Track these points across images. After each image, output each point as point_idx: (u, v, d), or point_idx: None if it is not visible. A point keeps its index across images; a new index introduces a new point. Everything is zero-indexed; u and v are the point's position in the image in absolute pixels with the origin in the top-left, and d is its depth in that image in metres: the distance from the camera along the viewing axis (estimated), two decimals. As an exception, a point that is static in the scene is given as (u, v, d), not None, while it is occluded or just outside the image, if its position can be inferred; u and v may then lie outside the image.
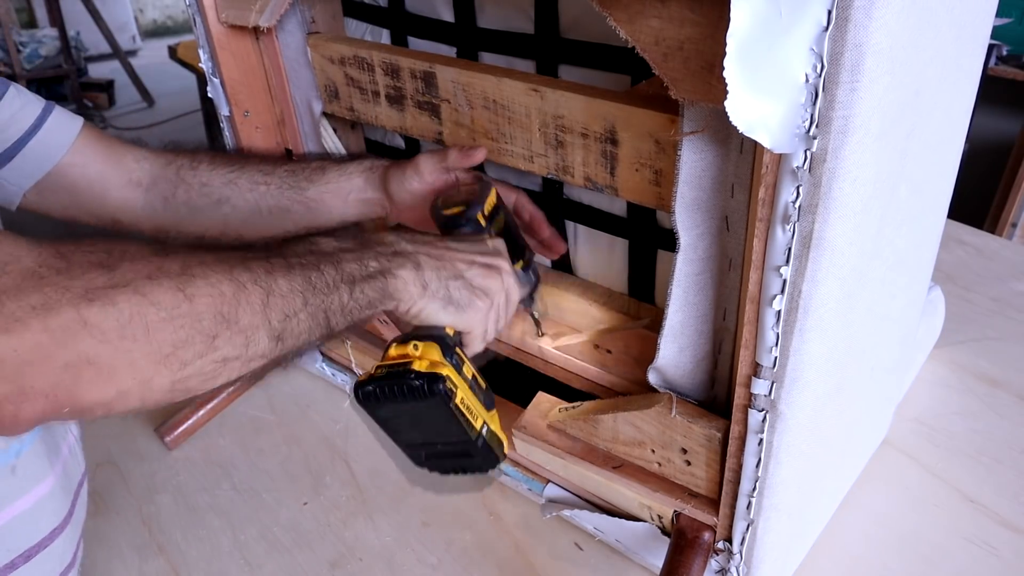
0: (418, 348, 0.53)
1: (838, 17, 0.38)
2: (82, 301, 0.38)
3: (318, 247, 0.50)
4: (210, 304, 0.42)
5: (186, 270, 0.42)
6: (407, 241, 0.55)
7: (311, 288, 0.47)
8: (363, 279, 0.51)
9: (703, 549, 0.63)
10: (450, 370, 0.53)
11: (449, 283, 0.55)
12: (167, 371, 0.41)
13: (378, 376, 0.52)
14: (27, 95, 0.68)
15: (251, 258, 0.46)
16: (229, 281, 0.43)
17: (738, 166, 0.50)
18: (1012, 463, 0.79)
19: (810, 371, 0.51)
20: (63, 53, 4.08)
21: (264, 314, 0.44)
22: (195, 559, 0.75)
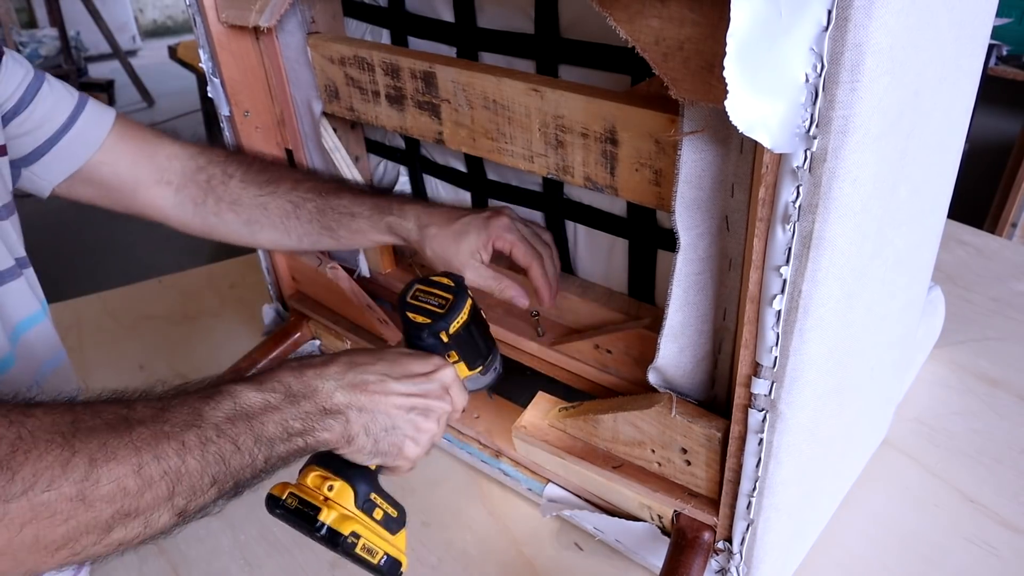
0: (333, 488, 0.55)
1: (838, 17, 0.38)
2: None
3: (241, 408, 0.49)
4: (111, 503, 0.41)
5: (91, 471, 0.41)
6: (342, 389, 0.54)
7: (224, 466, 0.47)
8: (282, 441, 0.50)
9: (703, 549, 0.63)
10: (356, 522, 0.55)
11: (378, 435, 0.55)
12: (52, 561, 0.41)
13: (289, 505, 0.55)
14: (60, 90, 0.67)
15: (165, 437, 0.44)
16: (135, 477, 0.42)
17: (738, 166, 0.50)
18: (1012, 463, 0.79)
19: (810, 371, 0.51)
20: (63, 53, 4.08)
21: (169, 499, 0.44)
22: (195, 559, 0.75)
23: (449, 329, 0.61)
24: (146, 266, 2.88)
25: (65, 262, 2.97)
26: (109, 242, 3.08)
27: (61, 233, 3.12)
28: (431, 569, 0.72)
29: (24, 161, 0.66)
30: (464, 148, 0.72)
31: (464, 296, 0.63)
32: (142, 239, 3.03)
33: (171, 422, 0.45)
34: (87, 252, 3.05)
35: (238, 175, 0.76)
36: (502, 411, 0.80)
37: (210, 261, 1.31)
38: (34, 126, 0.65)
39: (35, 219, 0.66)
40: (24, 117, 0.65)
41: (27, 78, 0.65)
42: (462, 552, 0.74)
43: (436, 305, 0.62)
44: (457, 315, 0.62)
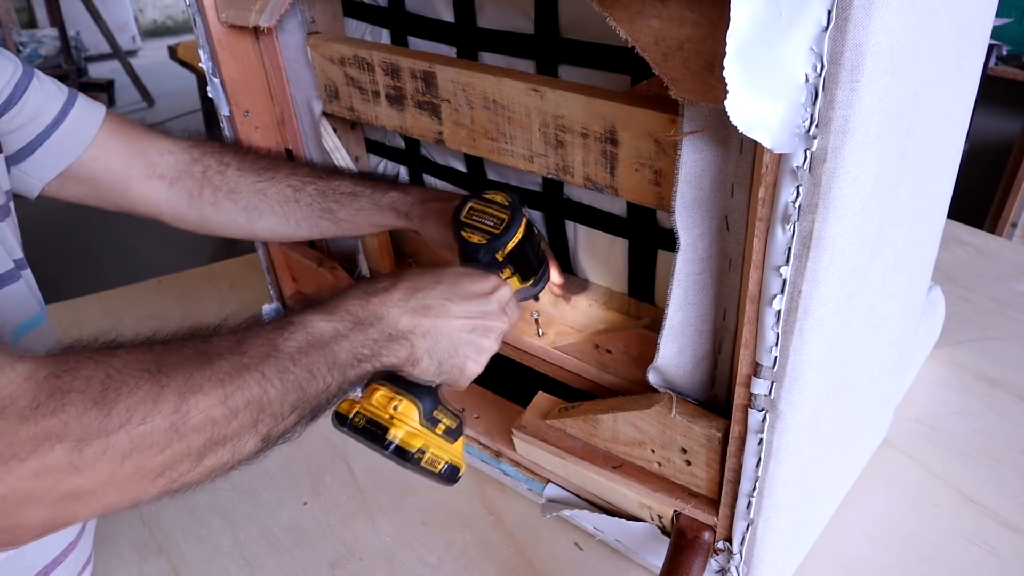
0: (398, 408, 0.56)
1: (838, 17, 0.38)
2: (74, 447, 0.39)
3: (314, 337, 0.50)
4: (202, 433, 0.43)
5: (181, 403, 0.42)
6: (407, 313, 0.55)
7: (301, 392, 0.49)
8: (354, 366, 0.52)
9: (703, 549, 0.63)
10: (423, 438, 0.57)
11: (441, 357, 0.57)
12: (155, 488, 0.43)
13: (357, 424, 0.56)
14: (50, 86, 0.67)
15: (246, 369, 0.46)
16: (222, 407, 0.44)
17: (738, 166, 0.50)
18: (1012, 463, 0.79)
19: (810, 371, 0.51)
20: (63, 53, 4.08)
21: (254, 427, 0.46)
22: (195, 559, 0.75)
23: (505, 248, 0.63)
24: (146, 266, 2.88)
25: (65, 262, 2.97)
26: (109, 242, 3.08)
27: (60, 233, 3.12)
28: (431, 569, 0.72)
29: (14, 158, 0.66)
30: (464, 148, 0.72)
31: (519, 215, 0.64)
32: (142, 239, 3.03)
33: (249, 354, 0.47)
34: (87, 252, 3.05)
35: (234, 163, 0.75)
36: (502, 411, 0.80)
37: (210, 261, 1.31)
38: (25, 121, 0.65)
39: (34, 219, 0.66)
40: (15, 112, 0.64)
41: (16, 73, 0.64)
42: (462, 552, 0.74)
43: (491, 224, 0.63)
44: (513, 234, 0.63)
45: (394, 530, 0.76)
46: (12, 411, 0.38)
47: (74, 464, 0.39)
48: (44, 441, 0.38)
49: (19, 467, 0.37)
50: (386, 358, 0.54)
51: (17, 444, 0.37)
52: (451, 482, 0.59)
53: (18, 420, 0.38)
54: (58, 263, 2.95)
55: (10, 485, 0.37)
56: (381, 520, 0.77)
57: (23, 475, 0.38)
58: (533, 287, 0.68)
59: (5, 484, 0.37)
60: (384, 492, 0.81)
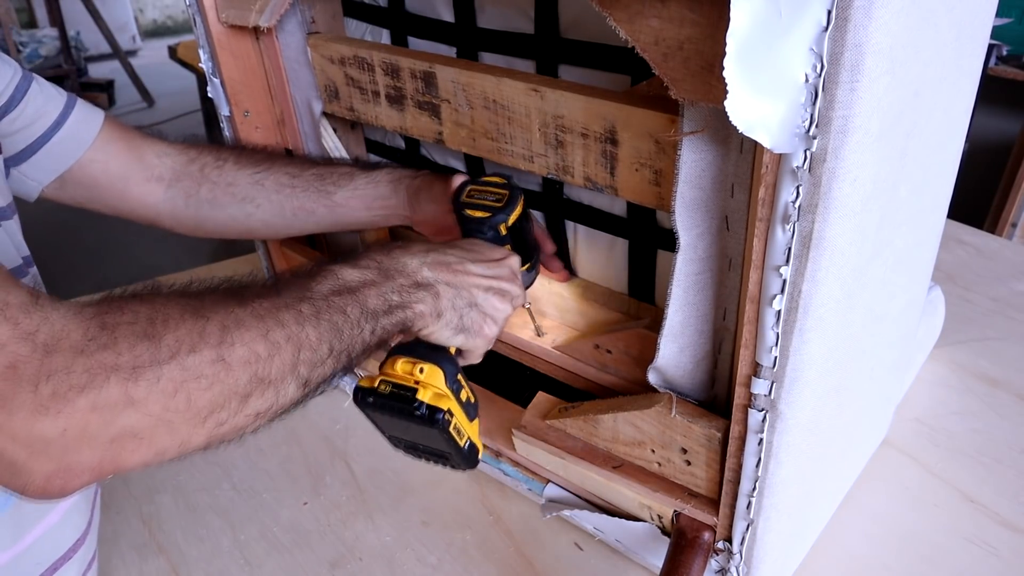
0: (424, 371, 0.56)
1: (838, 17, 0.38)
2: (128, 378, 0.39)
3: (343, 283, 0.52)
4: (246, 368, 0.43)
5: (224, 335, 0.43)
6: (428, 266, 0.57)
7: (338, 335, 0.49)
8: (384, 313, 0.53)
9: (703, 549, 0.63)
10: (451, 401, 0.56)
11: (463, 311, 0.58)
12: (203, 431, 0.43)
13: (382, 392, 0.56)
14: (49, 89, 0.68)
15: (283, 307, 0.47)
16: (263, 341, 0.44)
17: (738, 166, 0.50)
18: (1012, 463, 0.79)
19: (810, 371, 0.51)
20: (63, 53, 4.09)
21: (294, 368, 0.46)
22: (195, 559, 0.75)
23: (507, 221, 0.64)
24: (146, 266, 2.88)
25: (65, 262, 2.97)
26: (109, 242, 3.08)
27: (61, 233, 3.12)
28: (431, 569, 0.72)
29: (15, 160, 0.66)
30: (464, 148, 0.72)
31: (518, 191, 0.66)
32: (142, 239, 3.03)
33: (284, 295, 0.48)
34: (87, 252, 3.05)
35: (232, 158, 0.76)
36: (502, 411, 0.80)
37: (210, 261, 1.31)
38: (25, 123, 0.65)
39: (35, 219, 0.66)
40: (16, 114, 0.64)
41: (16, 76, 0.65)
42: (462, 552, 0.74)
43: (493, 200, 0.65)
44: (514, 208, 0.65)
45: (394, 530, 0.76)
46: (66, 344, 0.38)
47: (129, 396, 0.39)
48: (99, 373, 0.38)
49: (76, 400, 0.37)
50: (415, 305, 0.54)
51: (73, 377, 0.37)
52: (471, 463, 0.59)
53: (73, 353, 0.38)
54: (58, 263, 2.95)
55: (67, 420, 0.37)
56: (381, 520, 0.77)
57: (80, 408, 0.37)
58: (528, 272, 0.69)
59: (63, 418, 0.37)
60: (384, 492, 0.81)
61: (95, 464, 0.39)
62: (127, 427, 0.39)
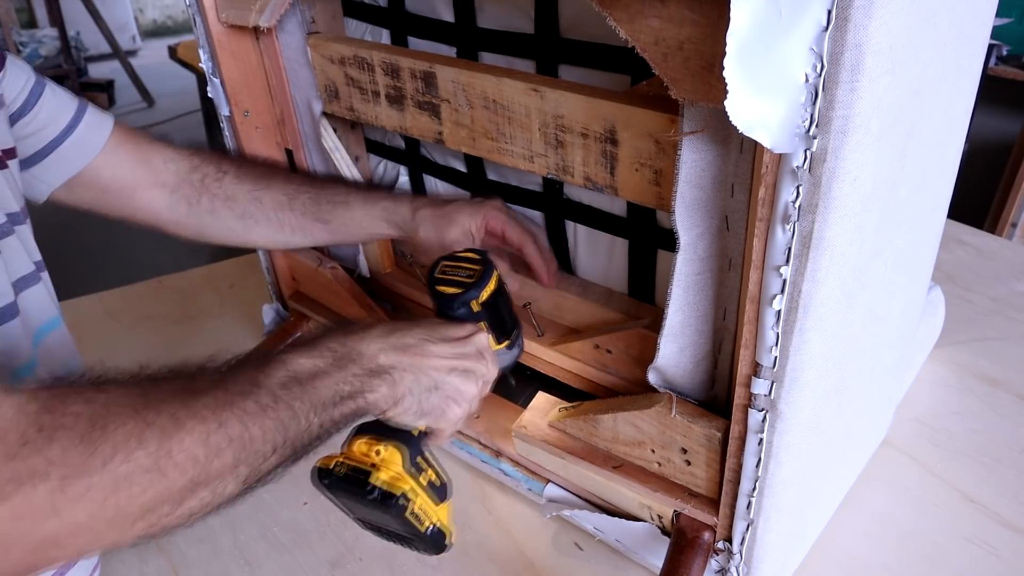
0: (381, 453, 0.55)
1: (838, 17, 0.38)
2: (56, 488, 0.38)
3: (294, 374, 0.50)
4: (183, 474, 0.42)
5: (163, 442, 0.42)
6: (386, 351, 0.55)
7: (284, 431, 0.48)
8: (335, 405, 0.51)
9: (703, 549, 0.63)
10: (409, 482, 0.55)
11: (422, 396, 0.56)
12: (132, 533, 0.42)
13: (338, 473, 0.55)
14: (61, 95, 0.68)
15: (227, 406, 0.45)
16: (203, 446, 0.43)
17: (738, 166, 0.50)
18: (1012, 463, 0.79)
19: (810, 371, 0.51)
20: (63, 53, 4.08)
21: (235, 468, 0.45)
22: (195, 559, 0.75)
23: (479, 298, 0.63)
24: (146, 266, 2.88)
25: (65, 263, 2.97)
26: (109, 242, 3.08)
27: (61, 234, 3.11)
28: (431, 569, 0.72)
29: (27, 163, 0.67)
30: (464, 148, 0.72)
31: (491, 266, 0.64)
32: (142, 239, 3.03)
33: (231, 391, 0.47)
34: (87, 253, 3.05)
35: (232, 171, 0.76)
36: (502, 411, 0.80)
37: (210, 261, 1.31)
38: (39, 127, 0.66)
39: (35, 220, 0.66)
40: (30, 118, 0.65)
41: (30, 81, 0.65)
42: (462, 552, 0.74)
43: (465, 276, 0.64)
44: (486, 284, 0.63)
45: (394, 530, 0.76)
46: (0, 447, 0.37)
47: (54, 506, 0.37)
48: (26, 482, 0.37)
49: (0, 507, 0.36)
50: (369, 394, 0.53)
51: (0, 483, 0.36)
52: (437, 548, 0.58)
53: (4, 458, 0.37)
54: (58, 263, 2.94)
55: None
56: (381, 520, 0.77)
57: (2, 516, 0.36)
58: (508, 350, 0.67)
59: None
60: (384, 492, 0.80)
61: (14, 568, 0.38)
62: (48, 535, 0.38)
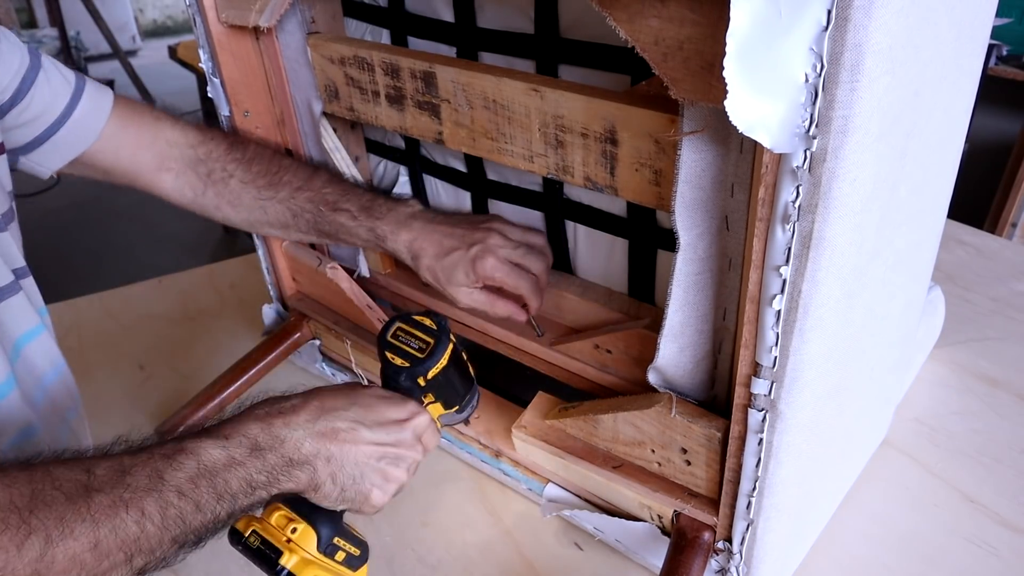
0: (296, 532, 0.54)
1: (838, 17, 0.38)
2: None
3: (204, 466, 0.48)
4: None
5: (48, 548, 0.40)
6: (313, 437, 0.53)
7: (184, 526, 0.47)
8: (246, 494, 0.50)
9: (703, 549, 0.63)
10: (318, 567, 0.55)
11: (344, 483, 0.55)
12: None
13: (251, 544, 0.54)
14: (55, 77, 0.66)
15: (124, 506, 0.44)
16: (92, 552, 0.42)
17: (738, 166, 0.50)
18: (1012, 463, 0.79)
19: (810, 371, 0.51)
20: (63, 53, 4.08)
21: (128, 564, 0.44)
22: (195, 559, 0.74)
23: (427, 374, 0.61)
24: (146, 266, 2.88)
25: (65, 263, 2.97)
26: (109, 242, 3.08)
27: (61, 234, 3.12)
28: (431, 569, 0.72)
29: (23, 150, 0.66)
30: (464, 148, 0.72)
31: (445, 341, 0.62)
32: (142, 239, 3.03)
33: (131, 487, 0.45)
34: (87, 252, 3.05)
35: (238, 174, 0.76)
36: (502, 411, 0.80)
37: (210, 261, 1.31)
38: (32, 116, 0.64)
39: (35, 220, 0.66)
40: (22, 107, 0.63)
41: (23, 65, 0.63)
42: (462, 552, 0.74)
43: (416, 348, 0.61)
44: (437, 361, 0.61)
45: (394, 530, 0.76)
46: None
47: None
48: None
49: None
50: (284, 483, 0.52)
51: None
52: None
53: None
54: (58, 263, 2.95)
55: None
56: (381, 520, 0.77)
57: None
58: (458, 413, 0.67)
59: None
60: (384, 492, 0.80)
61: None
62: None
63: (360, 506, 0.57)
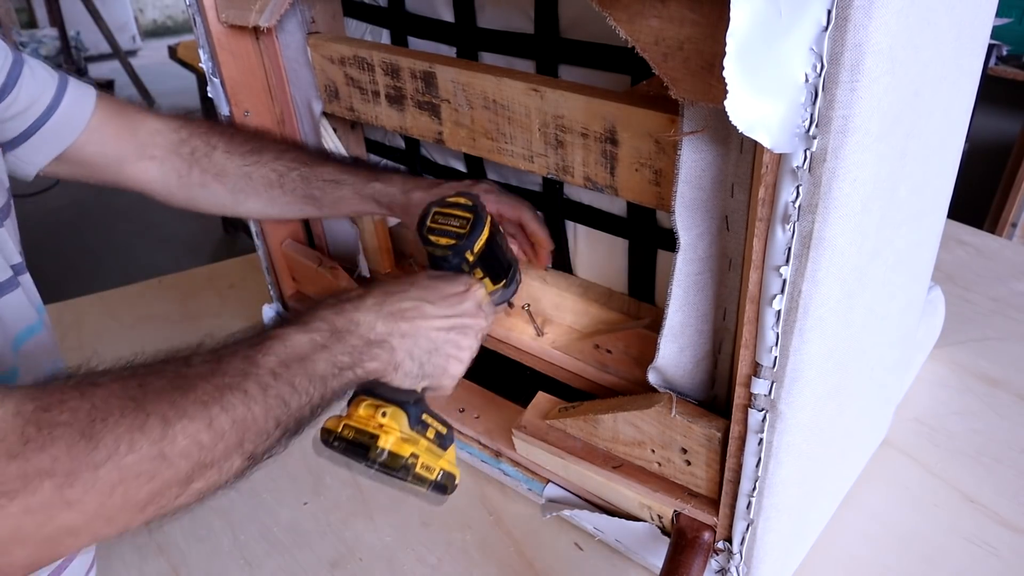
0: (386, 414, 0.55)
1: (838, 17, 0.38)
2: (63, 483, 0.38)
3: (292, 351, 0.50)
4: (189, 458, 0.43)
5: (166, 430, 0.42)
6: (383, 319, 0.55)
7: (285, 408, 0.48)
8: (335, 376, 0.51)
9: (703, 549, 0.63)
10: (413, 444, 0.56)
11: (422, 359, 0.57)
12: (143, 517, 0.42)
13: (344, 436, 0.55)
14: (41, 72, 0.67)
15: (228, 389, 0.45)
16: (207, 431, 0.43)
17: (738, 166, 0.50)
18: (1012, 463, 0.79)
19: (810, 371, 0.51)
20: (63, 53, 4.08)
21: (240, 447, 0.46)
22: (195, 559, 0.75)
23: (473, 248, 0.62)
24: (146, 266, 2.88)
25: (65, 263, 2.97)
26: (109, 242, 3.08)
27: (60, 234, 3.12)
28: (431, 569, 0.72)
29: (9, 145, 0.66)
30: (464, 148, 0.72)
31: (483, 214, 0.64)
32: (142, 239, 3.03)
33: (229, 374, 0.47)
34: (87, 252, 3.05)
35: (221, 145, 0.75)
36: (502, 411, 0.80)
37: (210, 261, 1.31)
38: (19, 110, 0.65)
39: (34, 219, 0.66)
40: (9, 102, 0.64)
41: (7, 60, 0.64)
42: (462, 552, 0.74)
43: (457, 227, 0.63)
44: (479, 234, 0.63)
45: (394, 530, 0.76)
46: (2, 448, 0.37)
47: (65, 499, 0.38)
48: (33, 478, 0.37)
49: (8, 506, 0.37)
50: (367, 364, 0.53)
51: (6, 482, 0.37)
52: (445, 492, 0.58)
53: (7, 458, 0.37)
54: (58, 263, 2.95)
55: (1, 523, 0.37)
56: (381, 520, 0.77)
57: (12, 513, 0.37)
58: (505, 289, 0.68)
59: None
60: (384, 492, 0.80)
61: (28, 562, 0.39)
62: (62, 526, 0.39)
63: (440, 379, 0.58)
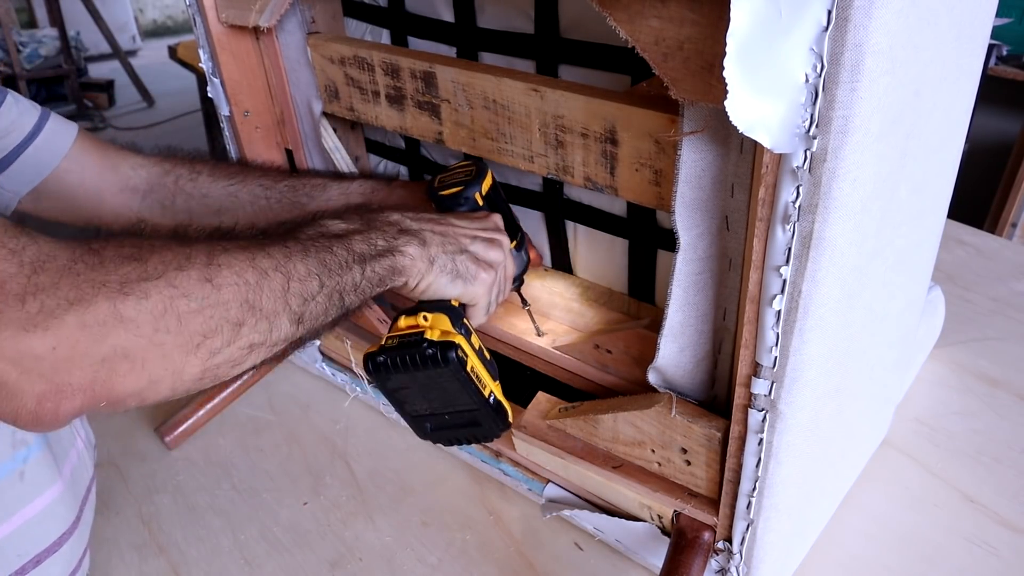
0: (428, 319, 0.55)
1: (838, 17, 0.38)
2: (117, 295, 0.39)
3: (328, 229, 0.52)
4: (236, 293, 0.43)
5: (212, 259, 0.43)
6: (411, 219, 0.57)
7: (326, 270, 0.49)
8: (373, 257, 0.52)
9: (703, 549, 0.63)
10: (461, 339, 0.55)
11: (455, 257, 0.58)
12: (197, 360, 0.42)
13: (390, 346, 0.53)
14: (24, 102, 0.68)
15: (269, 243, 0.47)
16: (252, 269, 0.45)
17: (738, 166, 0.50)
18: (1012, 463, 0.79)
19: (810, 371, 0.51)
20: (63, 53, 4.08)
21: (285, 300, 0.46)
22: (195, 559, 0.75)
23: (482, 190, 0.66)
24: (146, 266, 2.87)
25: (65, 262, 2.96)
26: (109, 242, 3.07)
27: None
28: (431, 569, 0.72)
29: None
30: (464, 148, 0.72)
31: (485, 165, 0.67)
32: (142, 239, 3.02)
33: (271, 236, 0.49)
34: (87, 252, 3.04)
35: (206, 171, 0.77)
36: (502, 411, 0.80)
37: (210, 261, 1.30)
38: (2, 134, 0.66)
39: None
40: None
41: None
42: (462, 552, 0.74)
43: (463, 176, 0.67)
44: (484, 178, 0.66)
45: (394, 530, 0.76)
46: (53, 264, 0.38)
47: (119, 313, 0.39)
48: (87, 290, 0.38)
49: (64, 316, 0.37)
50: (404, 248, 0.54)
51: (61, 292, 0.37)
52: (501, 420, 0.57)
53: (60, 271, 0.38)
54: (58, 263, 2.94)
55: (56, 336, 0.37)
56: (381, 520, 0.77)
57: (69, 324, 0.37)
58: (516, 252, 0.69)
59: (51, 335, 0.37)
60: (384, 492, 0.81)
61: (86, 384, 0.39)
62: (118, 346, 0.39)
63: (472, 284, 0.59)
